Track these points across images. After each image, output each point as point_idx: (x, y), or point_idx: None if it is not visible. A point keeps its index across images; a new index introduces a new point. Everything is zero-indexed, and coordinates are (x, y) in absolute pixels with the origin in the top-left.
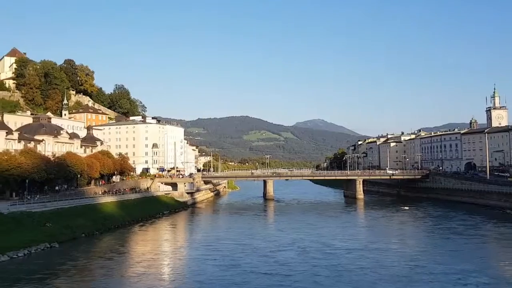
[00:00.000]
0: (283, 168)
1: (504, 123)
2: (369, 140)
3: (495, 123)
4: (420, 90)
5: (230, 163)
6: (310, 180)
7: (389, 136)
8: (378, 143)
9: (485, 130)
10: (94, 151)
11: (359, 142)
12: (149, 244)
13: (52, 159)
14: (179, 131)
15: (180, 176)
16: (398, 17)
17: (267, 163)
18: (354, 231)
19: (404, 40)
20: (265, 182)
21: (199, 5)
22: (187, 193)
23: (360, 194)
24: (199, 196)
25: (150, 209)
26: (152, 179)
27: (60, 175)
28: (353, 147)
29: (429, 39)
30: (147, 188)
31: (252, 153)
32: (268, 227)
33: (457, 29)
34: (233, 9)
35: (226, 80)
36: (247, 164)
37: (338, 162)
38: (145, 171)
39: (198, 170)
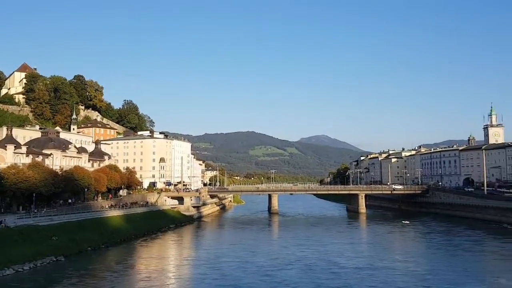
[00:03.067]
0: (288, 183)
1: (500, 140)
2: (371, 156)
3: (492, 140)
4: (421, 107)
5: (236, 178)
6: (314, 194)
7: (390, 152)
8: (380, 159)
9: (483, 147)
10: (101, 165)
11: (362, 158)
12: (151, 260)
13: (59, 173)
14: (186, 146)
15: (187, 190)
16: (402, 38)
17: (272, 178)
18: (359, 248)
19: (405, 61)
20: (270, 196)
21: (211, 23)
22: (193, 207)
23: (362, 209)
24: (205, 210)
25: (156, 223)
26: (158, 193)
27: (67, 189)
28: (355, 163)
29: (428, 59)
30: (154, 202)
31: (257, 168)
32: (272, 243)
33: (456, 50)
34: (244, 26)
35: (233, 96)
36: (252, 178)
37: (341, 177)
38: (152, 185)
39: (205, 185)
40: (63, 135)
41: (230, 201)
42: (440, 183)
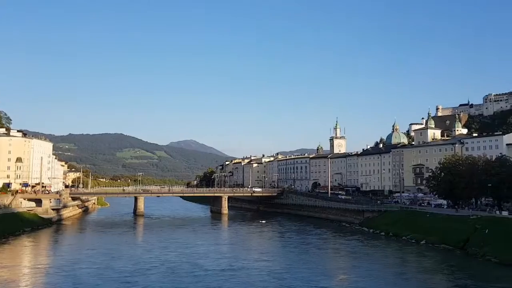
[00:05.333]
0: (156, 185)
1: (343, 150)
2: (235, 161)
3: (336, 150)
4: (280, 118)
5: (102, 180)
6: (181, 196)
7: (252, 158)
8: (242, 164)
9: (328, 156)
10: None
11: (227, 163)
12: None
13: None
14: (47, 146)
15: (46, 192)
16: (264, 51)
17: (140, 180)
18: (222, 248)
19: (266, 74)
20: (136, 198)
21: (72, 19)
22: (53, 209)
23: (225, 210)
24: (65, 213)
25: (9, 227)
26: (13, 194)
27: None
28: (221, 167)
29: (285, 74)
30: (7, 204)
31: (125, 170)
32: (136, 247)
33: (307, 67)
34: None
35: (101, 97)
36: (119, 181)
37: (207, 180)
38: (6, 186)
39: (67, 186)
40: None
41: (94, 203)
42: (293, 187)
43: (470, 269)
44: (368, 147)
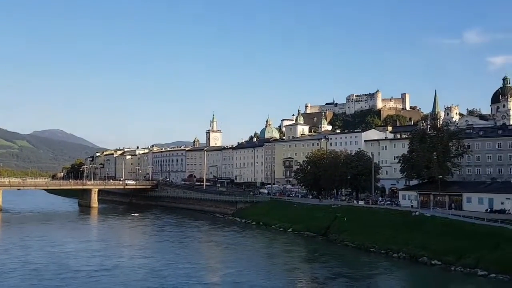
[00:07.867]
0: (16, 177)
1: (219, 143)
2: (107, 152)
3: (212, 143)
4: (156, 110)
5: None
6: (45, 189)
7: (125, 150)
8: (115, 156)
9: (205, 148)
10: None
11: (97, 154)
12: None
13: None
14: None
15: None
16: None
17: None
18: (93, 245)
19: (135, 67)
20: None
21: None
22: None
23: (94, 203)
24: None
25: None
26: None
27: None
28: (91, 158)
29: (161, 68)
30: None
31: None
32: None
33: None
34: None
35: None
36: None
37: (75, 172)
38: None
39: None
40: None
41: None
42: (168, 179)
43: (343, 256)
44: (243, 140)
